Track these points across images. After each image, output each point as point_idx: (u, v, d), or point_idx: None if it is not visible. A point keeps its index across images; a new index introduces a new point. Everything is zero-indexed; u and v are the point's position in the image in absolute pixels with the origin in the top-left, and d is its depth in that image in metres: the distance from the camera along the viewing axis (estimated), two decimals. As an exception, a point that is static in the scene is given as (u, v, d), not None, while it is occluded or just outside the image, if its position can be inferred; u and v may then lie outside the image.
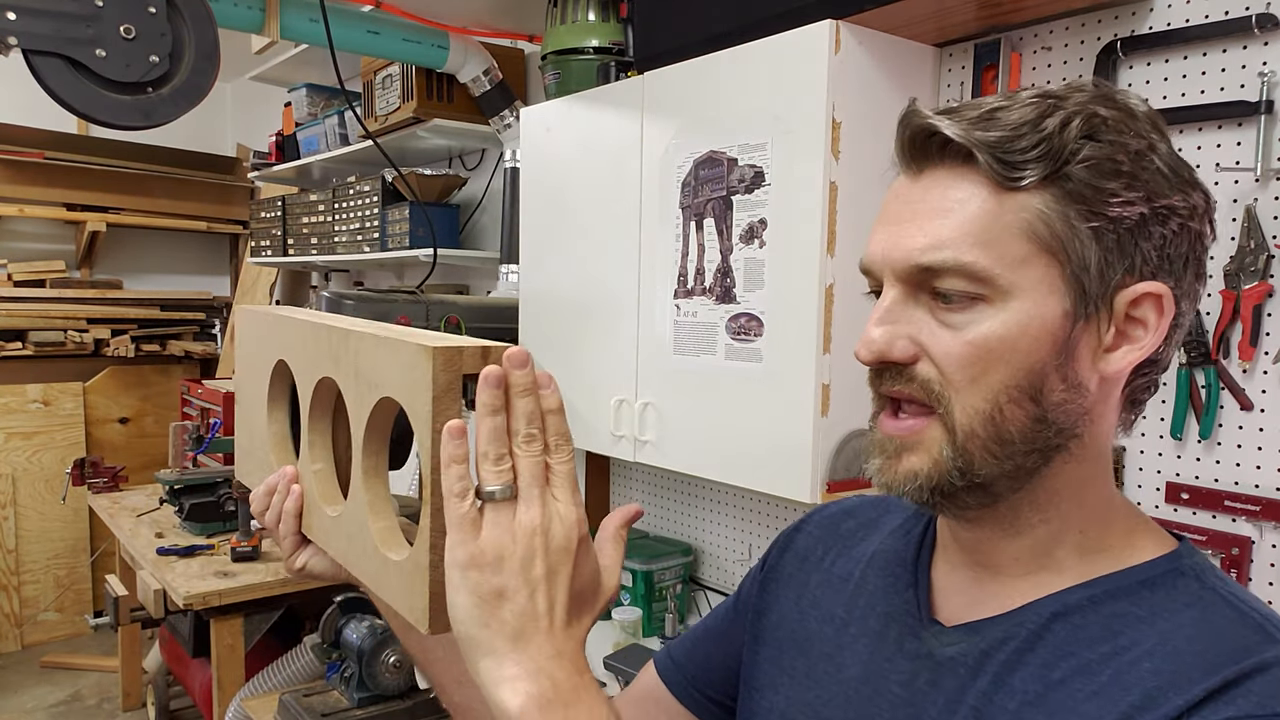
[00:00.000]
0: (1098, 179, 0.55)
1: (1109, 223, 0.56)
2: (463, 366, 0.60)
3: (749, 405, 1.60)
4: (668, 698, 0.84)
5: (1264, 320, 1.30)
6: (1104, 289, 0.57)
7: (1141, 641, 0.56)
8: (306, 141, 3.26)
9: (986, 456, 0.58)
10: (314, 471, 0.79)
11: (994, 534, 0.63)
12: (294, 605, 2.57)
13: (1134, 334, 0.58)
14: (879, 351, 0.59)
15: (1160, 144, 0.57)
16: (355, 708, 1.90)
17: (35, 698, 3.58)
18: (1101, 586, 0.60)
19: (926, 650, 0.64)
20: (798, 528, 0.84)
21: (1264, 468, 1.31)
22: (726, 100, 1.62)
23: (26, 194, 4.00)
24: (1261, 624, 0.56)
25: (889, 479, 0.61)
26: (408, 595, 0.64)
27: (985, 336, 0.57)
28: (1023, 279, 0.56)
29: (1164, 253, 0.57)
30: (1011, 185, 0.56)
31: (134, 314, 4.20)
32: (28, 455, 3.99)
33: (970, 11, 1.48)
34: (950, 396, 0.58)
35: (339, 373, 0.73)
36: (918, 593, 0.68)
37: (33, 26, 1.61)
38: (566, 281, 2.04)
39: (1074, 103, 0.56)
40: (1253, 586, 1.32)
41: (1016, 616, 0.61)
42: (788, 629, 0.77)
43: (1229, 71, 1.32)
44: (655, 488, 2.38)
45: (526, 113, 2.15)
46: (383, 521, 0.70)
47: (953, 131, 0.56)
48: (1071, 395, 0.58)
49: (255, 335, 0.93)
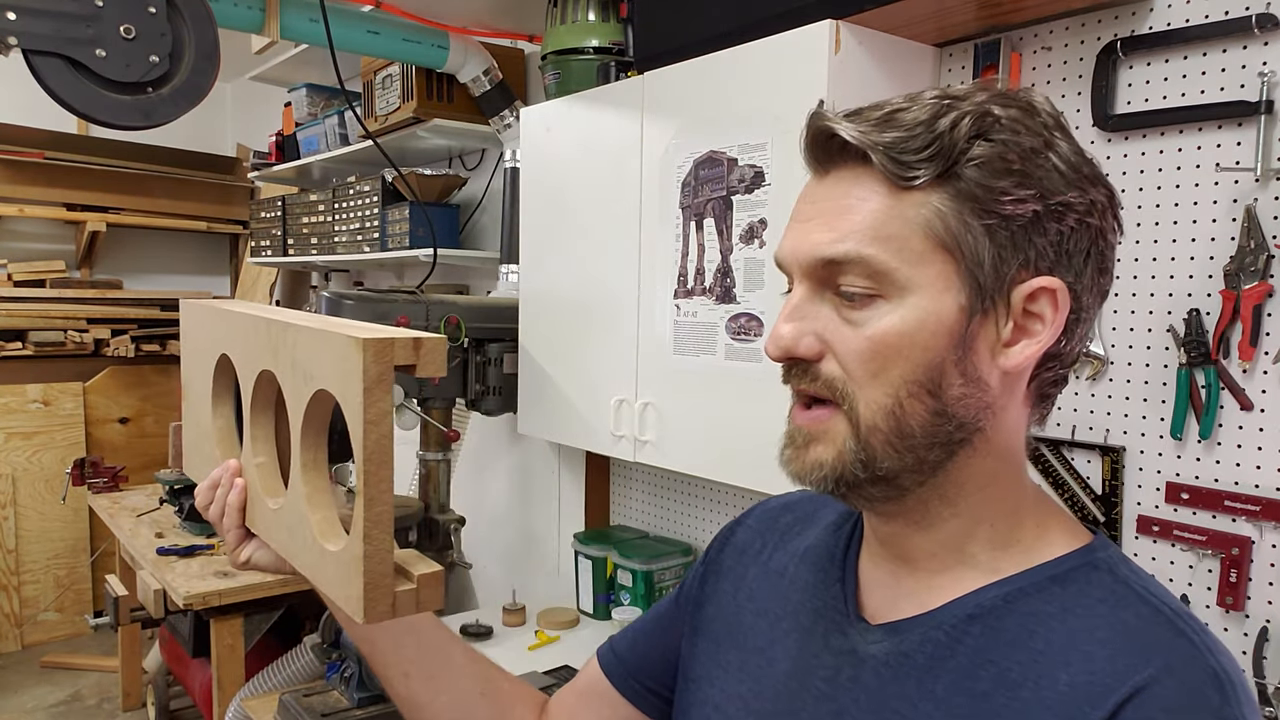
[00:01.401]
0: (989, 178, 0.57)
1: (1001, 220, 0.57)
2: (394, 358, 0.61)
3: (749, 405, 1.60)
4: (609, 690, 0.85)
5: (1264, 320, 1.30)
6: (999, 284, 0.58)
7: (1055, 644, 0.57)
8: (306, 141, 3.26)
9: (888, 450, 0.59)
10: (256, 465, 0.79)
11: (906, 528, 0.64)
12: (294, 605, 2.57)
13: (1032, 328, 0.59)
14: (786, 348, 0.61)
15: (1060, 141, 0.58)
16: (355, 708, 1.90)
17: (35, 698, 3.58)
18: (1015, 584, 0.61)
19: (850, 647, 0.66)
20: (739, 521, 0.86)
21: (1264, 468, 1.31)
22: (726, 100, 1.62)
23: (26, 194, 4.00)
24: (1172, 619, 0.57)
25: (796, 469, 0.63)
26: (344, 585, 0.65)
27: (885, 332, 0.58)
28: (920, 275, 0.58)
29: (1061, 248, 0.58)
30: (905, 185, 0.57)
31: (134, 314, 4.20)
32: (28, 455, 3.99)
33: (970, 11, 1.48)
34: (853, 392, 0.59)
35: (278, 365, 0.74)
36: (844, 588, 0.69)
37: (33, 26, 1.61)
38: (566, 281, 2.04)
39: (970, 103, 0.58)
40: (1253, 586, 1.32)
41: (934, 618, 0.62)
42: (724, 622, 0.78)
43: (1229, 71, 1.32)
44: (655, 488, 2.38)
45: (526, 113, 2.15)
46: (321, 513, 0.71)
47: (849, 134, 0.58)
48: (971, 389, 0.59)
49: (199, 328, 0.93)
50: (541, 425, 2.15)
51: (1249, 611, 1.33)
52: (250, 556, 0.83)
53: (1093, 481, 1.47)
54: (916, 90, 0.60)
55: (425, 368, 0.63)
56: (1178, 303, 1.37)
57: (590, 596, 2.30)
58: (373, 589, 0.62)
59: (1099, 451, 1.46)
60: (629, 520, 2.47)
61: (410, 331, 0.64)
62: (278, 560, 0.81)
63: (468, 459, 2.99)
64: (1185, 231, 1.37)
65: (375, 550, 0.62)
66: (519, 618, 2.23)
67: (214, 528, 0.84)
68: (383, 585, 0.63)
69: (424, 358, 0.63)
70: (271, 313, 0.80)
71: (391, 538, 0.64)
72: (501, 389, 2.29)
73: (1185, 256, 1.37)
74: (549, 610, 2.26)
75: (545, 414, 2.13)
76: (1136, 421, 1.43)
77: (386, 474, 0.62)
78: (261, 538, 0.81)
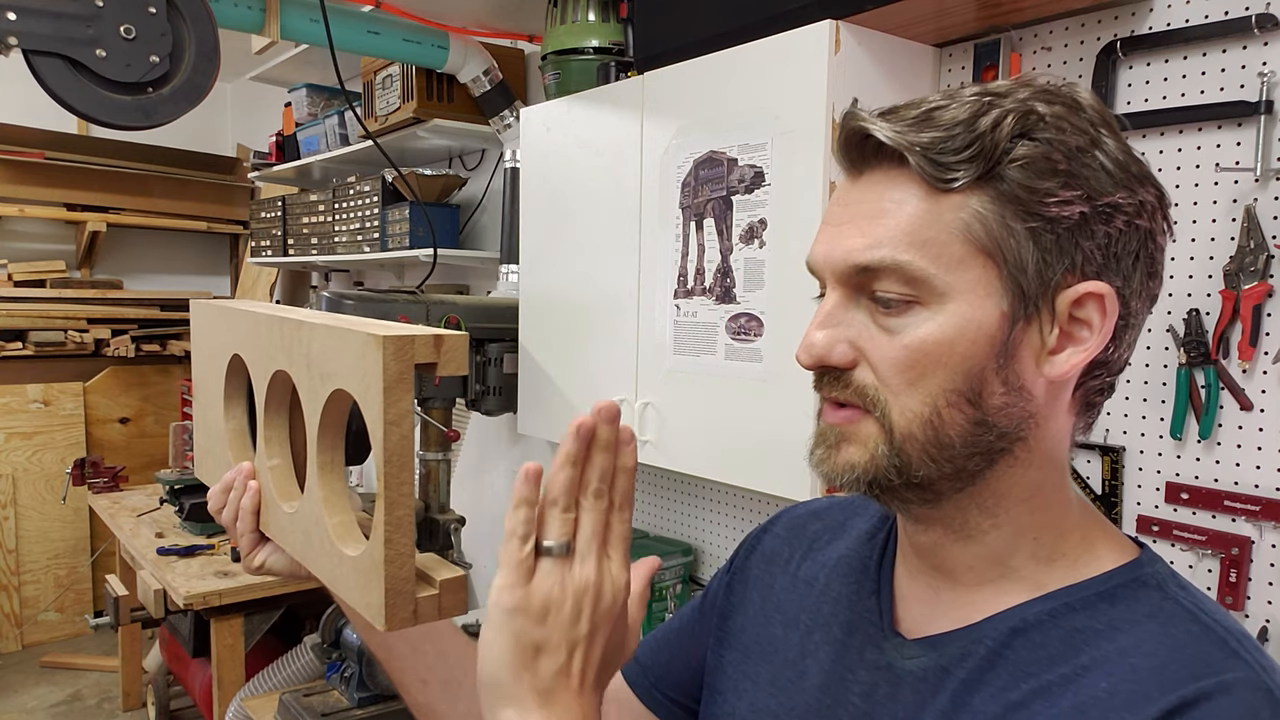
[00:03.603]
0: (1033, 179, 0.54)
1: (1046, 223, 0.55)
2: (415, 356, 0.59)
3: (749, 405, 1.60)
4: (631, 699, 0.83)
5: (1264, 320, 1.30)
6: (1043, 290, 0.55)
7: (1101, 660, 0.54)
8: (306, 141, 3.26)
9: (925, 459, 0.57)
10: (271, 467, 0.77)
11: (945, 538, 0.61)
12: (294, 605, 2.57)
13: (1079, 335, 0.57)
14: (818, 356, 0.59)
15: (1106, 139, 0.56)
16: (355, 708, 1.90)
17: (35, 698, 3.58)
18: (1061, 599, 0.58)
19: (887, 662, 0.63)
20: (765, 528, 0.83)
21: (1264, 468, 1.31)
22: (726, 100, 1.62)
23: (26, 194, 4.00)
24: (1224, 638, 0.54)
25: (828, 469, 0.61)
26: (364, 591, 0.63)
27: (922, 340, 0.56)
28: (959, 281, 0.55)
29: (1109, 251, 0.56)
30: (944, 187, 0.55)
31: (134, 314, 4.20)
32: (28, 455, 3.99)
33: (970, 11, 1.48)
34: (887, 400, 0.57)
35: (292, 365, 0.72)
36: (880, 601, 0.67)
37: (33, 26, 1.61)
38: (566, 281, 2.04)
39: (1012, 100, 0.55)
40: (1252, 586, 1.32)
41: (975, 632, 0.60)
42: (752, 633, 0.76)
43: (1229, 71, 1.32)
44: (655, 488, 2.38)
45: (526, 113, 2.15)
46: (338, 517, 0.69)
47: (884, 135, 0.56)
48: (1014, 398, 0.57)
49: (209, 329, 0.91)
50: (541, 425, 2.15)
51: (1249, 611, 1.33)
52: (265, 561, 0.81)
53: (1092, 481, 1.47)
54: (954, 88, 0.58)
55: (446, 366, 0.61)
56: (1177, 303, 1.37)
57: (590, 596, 2.29)
58: (394, 595, 0.60)
59: (1099, 451, 1.46)
60: (629, 520, 2.47)
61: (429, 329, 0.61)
62: (293, 565, 0.79)
63: (468, 459, 2.99)
64: (1185, 231, 1.37)
65: (396, 555, 0.60)
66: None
67: (227, 532, 0.82)
68: (404, 591, 0.61)
69: (445, 356, 0.61)
70: (284, 311, 0.78)
71: (413, 542, 0.62)
72: (501, 389, 2.29)
73: (1185, 256, 1.37)
74: (549, 610, 2.26)
75: (545, 414, 2.13)
76: (1136, 421, 1.43)
77: (408, 476, 0.60)
78: (276, 542, 0.79)
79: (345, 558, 0.66)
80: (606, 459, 0.58)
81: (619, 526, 0.59)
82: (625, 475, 0.59)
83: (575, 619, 0.56)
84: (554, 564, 0.56)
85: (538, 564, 0.56)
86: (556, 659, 0.56)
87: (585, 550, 0.57)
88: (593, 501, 0.58)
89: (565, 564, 0.57)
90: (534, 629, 0.56)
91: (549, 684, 0.56)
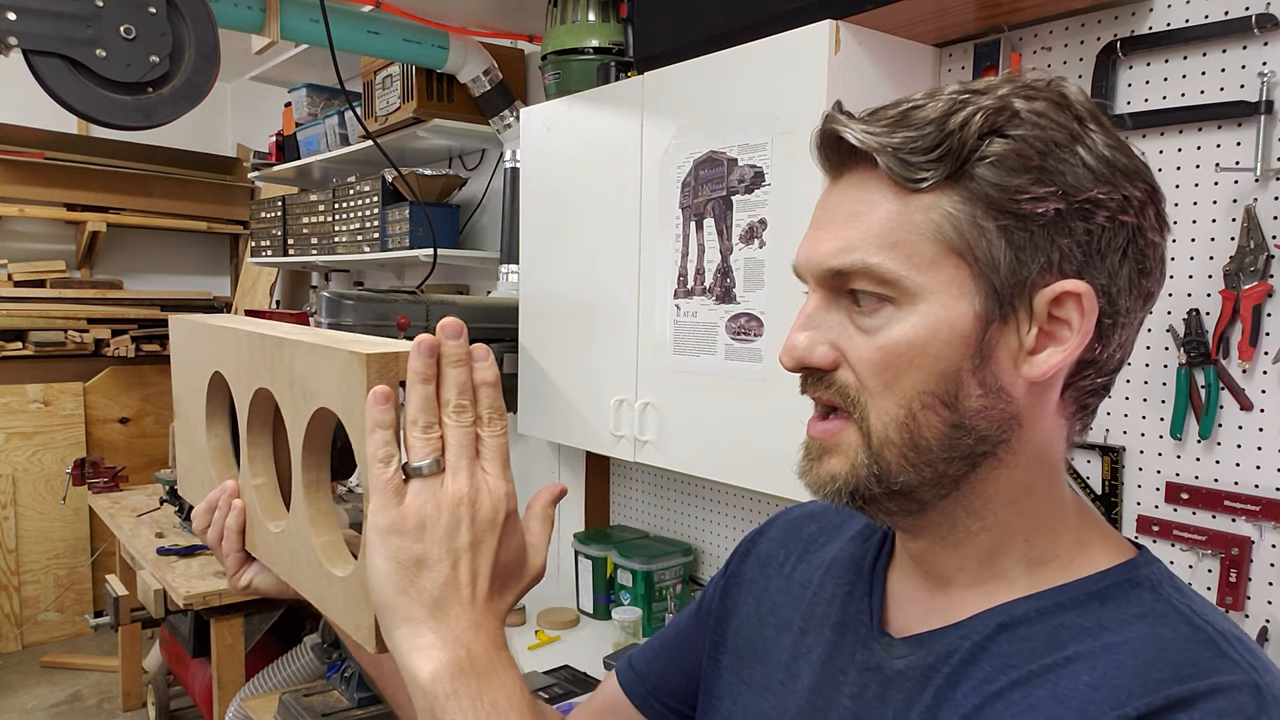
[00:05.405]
0: (1004, 176, 0.53)
1: (1018, 220, 0.54)
2: (399, 372, 0.58)
3: (749, 405, 1.60)
4: (629, 709, 0.83)
5: (1264, 320, 1.30)
6: (1019, 289, 0.55)
7: (1085, 655, 0.53)
8: (306, 141, 3.27)
9: (903, 463, 0.56)
10: (255, 486, 0.76)
11: (934, 545, 0.61)
12: (294, 605, 2.57)
13: (1059, 335, 0.56)
14: (799, 358, 0.59)
15: (1092, 134, 0.55)
16: (355, 708, 1.90)
17: (35, 698, 3.58)
18: (1051, 598, 0.58)
19: (876, 662, 0.63)
20: (761, 531, 0.83)
21: (1264, 468, 1.31)
22: (726, 100, 1.62)
23: (26, 194, 4.00)
24: (1214, 639, 0.53)
25: (811, 480, 0.60)
26: (353, 612, 0.62)
27: (895, 341, 0.55)
28: (931, 281, 0.55)
29: (1090, 249, 0.55)
30: (913, 187, 0.55)
31: (134, 314, 4.20)
32: (28, 455, 3.99)
33: (970, 11, 1.48)
34: (866, 402, 0.57)
35: (274, 383, 0.70)
36: (871, 602, 0.66)
37: (33, 26, 1.61)
38: (566, 281, 2.04)
39: (990, 97, 0.54)
40: (1252, 586, 1.32)
41: (962, 628, 0.59)
42: (747, 636, 0.75)
43: (1229, 71, 1.32)
44: (655, 488, 2.38)
45: (526, 113, 2.15)
46: (326, 536, 0.67)
47: (854, 137, 0.56)
48: (992, 400, 0.56)
49: (189, 345, 0.89)
50: (541, 425, 2.15)
51: (1249, 611, 1.33)
52: (251, 581, 0.80)
53: (1092, 481, 1.47)
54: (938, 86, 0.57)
55: None
56: (1177, 303, 1.37)
57: (590, 596, 2.30)
58: None
59: (1099, 451, 1.46)
60: (629, 520, 2.47)
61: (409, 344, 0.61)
62: (280, 585, 0.78)
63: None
64: (1185, 231, 1.37)
65: None
66: (519, 618, 2.23)
67: (213, 551, 0.80)
68: None
69: None
70: (265, 327, 0.76)
71: None
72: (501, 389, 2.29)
73: (1185, 256, 1.37)
74: (549, 610, 2.27)
75: (545, 414, 2.13)
76: (1136, 421, 1.43)
77: None
78: (263, 561, 0.78)
79: (334, 578, 0.65)
80: (461, 373, 0.58)
81: (492, 440, 0.59)
82: (488, 389, 0.59)
83: (453, 531, 0.56)
84: (424, 483, 0.57)
85: (409, 485, 0.57)
86: (440, 571, 0.56)
87: (456, 465, 0.57)
88: (455, 418, 0.58)
89: (436, 480, 0.57)
90: (412, 545, 0.56)
91: (436, 595, 0.56)
